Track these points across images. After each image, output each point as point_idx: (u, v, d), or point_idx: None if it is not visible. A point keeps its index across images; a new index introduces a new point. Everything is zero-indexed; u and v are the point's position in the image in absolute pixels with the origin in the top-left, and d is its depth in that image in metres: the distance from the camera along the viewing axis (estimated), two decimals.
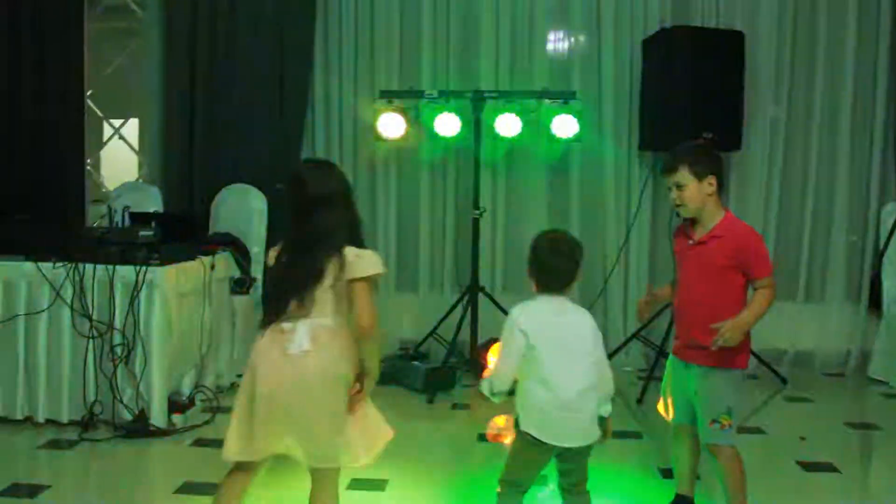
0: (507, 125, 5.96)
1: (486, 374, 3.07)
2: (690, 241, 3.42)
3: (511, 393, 3.06)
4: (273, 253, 2.96)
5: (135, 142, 8.00)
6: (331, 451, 2.85)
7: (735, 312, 3.26)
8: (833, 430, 5.17)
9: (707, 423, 3.35)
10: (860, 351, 6.41)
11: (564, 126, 5.96)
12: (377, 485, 3.92)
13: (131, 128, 8.20)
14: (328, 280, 2.82)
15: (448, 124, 5.96)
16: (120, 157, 8.25)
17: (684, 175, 3.34)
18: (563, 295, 3.09)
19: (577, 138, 6.00)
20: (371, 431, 2.92)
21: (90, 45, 6.75)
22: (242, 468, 2.97)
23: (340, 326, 2.86)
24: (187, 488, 3.94)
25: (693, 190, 3.34)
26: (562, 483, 3.14)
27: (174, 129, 6.50)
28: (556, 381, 2.98)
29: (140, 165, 7.79)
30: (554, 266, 3.08)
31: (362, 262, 2.84)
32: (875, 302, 6.33)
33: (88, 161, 7.19)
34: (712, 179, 3.35)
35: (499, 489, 3.15)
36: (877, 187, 6.37)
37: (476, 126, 5.95)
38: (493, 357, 5.49)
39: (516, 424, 3.06)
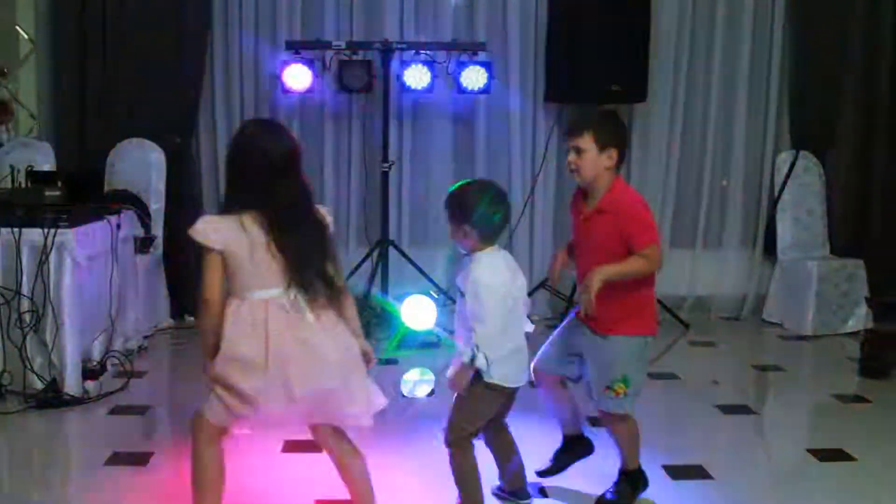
0: (416, 77, 5.87)
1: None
2: (581, 216, 3.35)
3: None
4: (213, 228, 2.66)
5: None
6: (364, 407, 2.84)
7: (629, 285, 3.22)
8: (741, 372, 5.39)
9: (601, 389, 3.32)
10: (755, 295, 6.65)
11: (472, 78, 5.91)
12: None
13: None
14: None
15: (357, 76, 5.84)
16: None
17: (587, 141, 3.22)
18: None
19: (485, 90, 5.97)
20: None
21: None
22: (222, 432, 2.82)
23: None
24: (118, 459, 3.79)
25: (591, 159, 3.22)
26: (494, 422, 3.24)
27: (64, 82, 6.13)
28: (514, 328, 3.10)
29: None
30: (495, 216, 3.08)
31: (330, 217, 2.83)
32: (770, 247, 6.56)
33: None
34: (613, 153, 3.23)
35: (454, 448, 3.15)
36: (772, 136, 6.58)
37: (384, 78, 5.84)
38: (409, 312, 5.55)
39: (478, 378, 3.05)
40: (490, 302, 2.98)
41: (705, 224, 6.65)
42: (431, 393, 4.89)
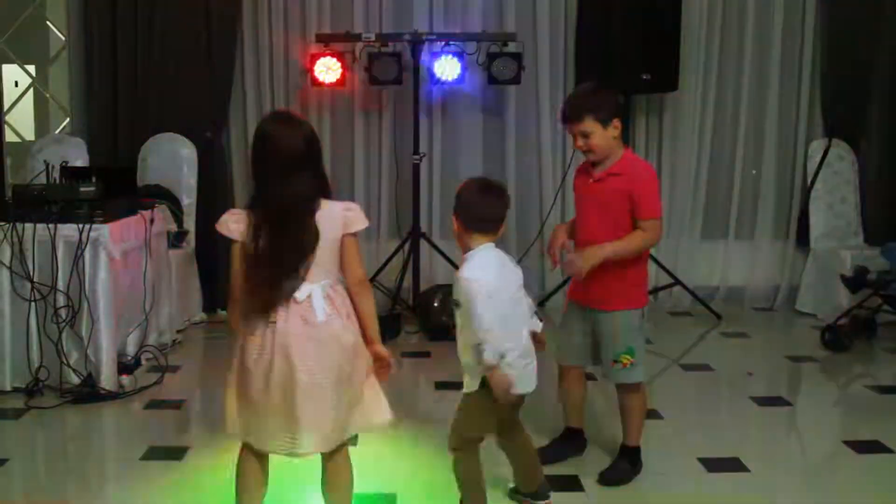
0: (446, 68, 5.87)
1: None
2: (590, 180, 3.45)
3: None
4: (235, 220, 2.70)
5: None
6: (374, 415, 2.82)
7: (628, 262, 3.38)
8: (775, 363, 5.34)
9: (609, 363, 3.48)
10: (788, 285, 6.59)
11: (502, 69, 5.89)
12: None
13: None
14: (333, 240, 2.71)
15: (387, 68, 5.83)
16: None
17: (590, 123, 3.32)
18: (494, 237, 3.07)
19: (515, 81, 5.95)
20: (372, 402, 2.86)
21: None
22: (255, 451, 2.83)
23: (341, 284, 2.78)
24: (154, 454, 3.83)
25: (599, 137, 3.34)
26: (506, 423, 3.21)
27: (95, 77, 6.16)
28: (515, 331, 3.04)
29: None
30: (488, 206, 3.06)
31: (354, 215, 2.76)
32: (803, 237, 6.50)
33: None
34: (616, 123, 3.35)
35: (457, 453, 3.13)
36: (804, 125, 6.50)
37: (415, 70, 5.84)
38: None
39: (482, 389, 3.03)
40: (480, 297, 2.92)
41: (737, 214, 6.59)
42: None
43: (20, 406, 4.35)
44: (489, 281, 2.95)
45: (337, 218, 2.72)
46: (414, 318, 5.87)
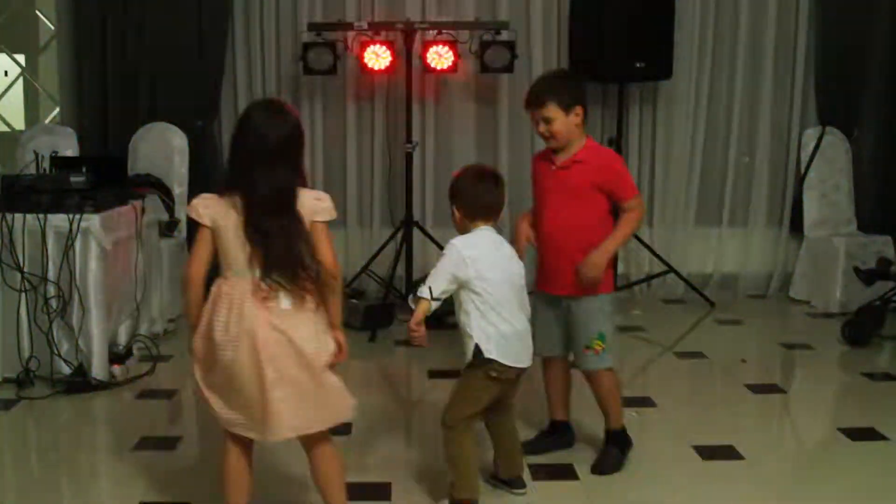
0: (439, 57, 5.83)
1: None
2: (553, 167, 3.42)
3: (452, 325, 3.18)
4: (205, 204, 2.68)
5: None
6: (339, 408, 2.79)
7: (601, 234, 3.35)
8: (769, 351, 5.35)
9: (580, 350, 3.46)
10: (782, 272, 6.59)
11: (495, 57, 5.87)
12: (342, 429, 3.83)
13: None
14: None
15: (378, 57, 5.81)
16: None
17: (552, 109, 3.32)
18: (494, 223, 3.14)
19: (508, 69, 5.93)
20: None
21: None
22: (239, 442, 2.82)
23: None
24: (146, 444, 3.80)
25: (561, 123, 3.33)
26: (498, 406, 3.23)
27: (85, 67, 6.13)
28: (510, 312, 3.10)
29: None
30: (489, 195, 3.12)
31: (323, 204, 2.73)
32: (796, 224, 6.50)
33: None
34: (579, 110, 3.34)
35: (449, 430, 3.14)
36: (798, 112, 6.49)
37: (407, 58, 5.81)
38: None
39: (475, 359, 3.07)
40: (448, 259, 3.04)
41: (731, 201, 6.58)
42: (459, 374, 4.87)
43: (11, 397, 4.32)
44: (468, 252, 3.03)
45: (306, 206, 2.70)
46: (407, 306, 5.84)
